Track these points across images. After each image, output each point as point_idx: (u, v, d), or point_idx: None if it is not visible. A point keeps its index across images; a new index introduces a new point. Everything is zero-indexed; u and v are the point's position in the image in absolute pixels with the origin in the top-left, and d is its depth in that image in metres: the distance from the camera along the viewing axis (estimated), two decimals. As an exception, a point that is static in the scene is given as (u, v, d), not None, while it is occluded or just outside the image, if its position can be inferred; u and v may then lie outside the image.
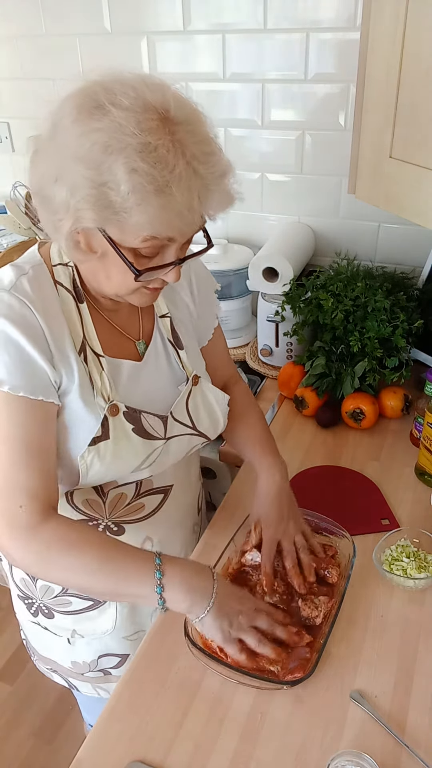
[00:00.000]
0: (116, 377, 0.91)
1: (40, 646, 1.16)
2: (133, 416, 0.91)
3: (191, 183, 0.70)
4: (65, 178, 0.71)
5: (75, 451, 0.87)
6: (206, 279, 1.07)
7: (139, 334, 0.96)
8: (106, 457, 0.87)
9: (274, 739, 0.82)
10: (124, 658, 1.12)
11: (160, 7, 1.56)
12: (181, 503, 1.09)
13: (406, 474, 1.27)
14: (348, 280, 1.44)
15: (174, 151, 0.69)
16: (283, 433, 1.42)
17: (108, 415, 0.87)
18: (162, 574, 0.81)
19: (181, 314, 1.02)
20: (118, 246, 0.74)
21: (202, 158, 0.71)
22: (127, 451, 0.90)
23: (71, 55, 1.73)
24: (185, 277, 1.02)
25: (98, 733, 0.84)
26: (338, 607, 0.94)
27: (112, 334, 0.92)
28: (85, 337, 0.87)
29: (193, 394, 0.99)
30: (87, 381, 0.86)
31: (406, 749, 0.80)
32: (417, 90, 0.98)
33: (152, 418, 0.93)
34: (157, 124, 0.69)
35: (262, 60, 1.53)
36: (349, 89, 1.48)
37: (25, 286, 0.82)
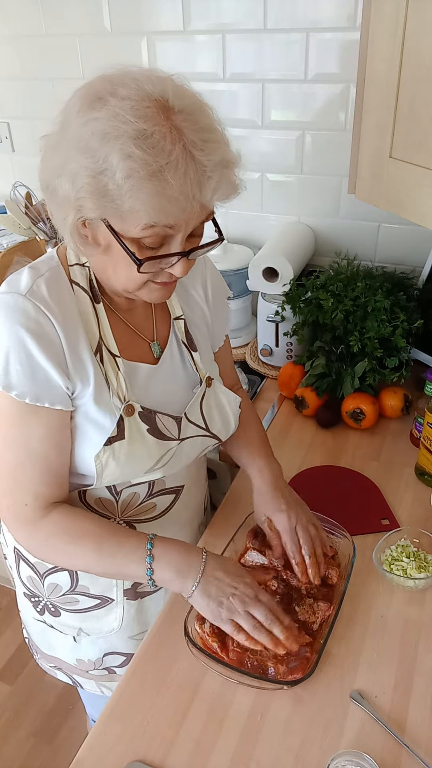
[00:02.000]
0: (132, 379, 0.92)
1: (44, 645, 1.17)
2: (149, 417, 0.91)
3: (188, 169, 0.69)
4: (67, 169, 0.72)
5: (89, 453, 0.88)
6: (220, 286, 1.07)
7: (153, 335, 0.97)
8: (120, 458, 0.88)
9: (274, 739, 0.82)
10: (129, 657, 1.11)
11: (160, 7, 1.56)
12: (191, 503, 1.10)
13: (406, 474, 1.27)
14: (348, 280, 1.44)
15: (170, 137, 0.69)
16: (283, 433, 1.42)
17: (124, 415, 0.88)
18: (152, 558, 0.86)
19: (195, 317, 1.02)
20: (120, 236, 0.74)
21: (201, 145, 0.71)
22: (142, 451, 0.90)
23: (71, 55, 1.73)
24: (200, 282, 1.03)
25: (98, 733, 0.84)
26: (338, 608, 0.94)
27: (127, 335, 0.93)
28: (102, 338, 0.87)
29: (206, 395, 1.00)
30: (103, 382, 0.87)
31: (406, 749, 0.80)
32: (417, 90, 0.98)
33: (167, 419, 0.93)
34: (154, 112, 0.69)
35: (262, 60, 1.53)
36: (349, 89, 1.48)
37: (42, 290, 0.82)
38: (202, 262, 1.03)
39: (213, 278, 1.05)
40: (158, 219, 0.72)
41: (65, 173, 0.72)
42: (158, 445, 0.92)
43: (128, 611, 1.07)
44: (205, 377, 1.00)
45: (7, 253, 1.89)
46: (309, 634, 0.91)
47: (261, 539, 1.06)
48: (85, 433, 0.87)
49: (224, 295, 1.08)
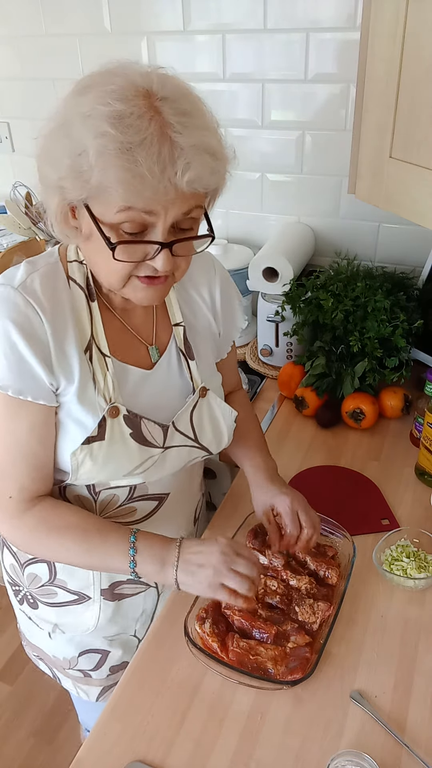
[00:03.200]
0: (122, 381, 0.90)
1: (28, 633, 1.17)
2: (134, 421, 0.89)
3: (161, 149, 0.69)
4: (53, 154, 0.73)
5: (67, 448, 0.87)
6: (229, 291, 1.04)
7: (152, 339, 0.95)
8: (98, 458, 0.87)
9: (274, 739, 0.82)
10: (104, 656, 1.11)
11: (160, 7, 1.56)
12: (176, 512, 1.07)
13: (406, 474, 1.27)
14: (348, 280, 1.44)
15: (147, 116, 0.69)
16: (283, 433, 1.42)
17: (107, 416, 0.87)
18: (135, 551, 0.86)
19: (198, 324, 1.00)
20: (98, 221, 0.74)
21: (178, 127, 0.70)
22: (122, 454, 0.89)
23: (71, 55, 1.73)
24: (206, 287, 1.00)
25: (98, 733, 0.84)
26: (338, 608, 0.94)
27: (123, 336, 0.92)
28: (93, 336, 0.87)
29: (198, 406, 0.97)
30: (89, 380, 0.86)
31: (406, 749, 0.80)
32: (417, 90, 0.98)
33: (152, 426, 0.92)
34: (134, 94, 0.70)
35: (262, 60, 1.53)
36: (349, 89, 1.48)
37: (35, 285, 0.82)
38: (211, 266, 1.01)
39: (222, 283, 1.02)
40: (128, 199, 0.71)
41: (50, 157, 0.74)
42: (140, 451, 0.90)
43: (105, 611, 1.05)
44: (200, 387, 0.97)
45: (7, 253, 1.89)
46: (309, 634, 0.91)
47: (261, 539, 1.06)
48: (66, 429, 0.87)
49: (234, 300, 1.06)
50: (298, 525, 0.98)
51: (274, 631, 0.91)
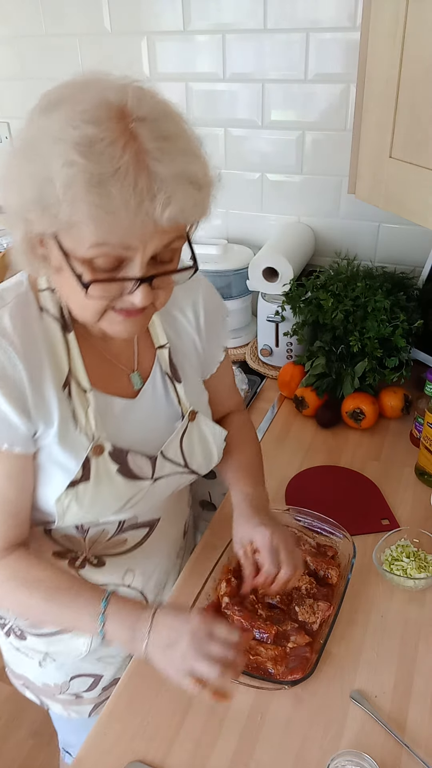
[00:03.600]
0: (105, 414, 0.84)
1: (12, 662, 1.12)
2: (120, 456, 0.84)
3: (138, 179, 0.61)
4: (17, 178, 0.66)
5: (51, 494, 0.82)
6: (215, 308, 0.98)
7: (134, 365, 0.89)
8: (84, 500, 0.82)
9: (274, 739, 0.82)
10: (97, 679, 1.07)
11: (160, 7, 1.56)
12: (168, 534, 1.04)
13: (406, 474, 1.27)
14: (348, 280, 1.44)
15: (121, 143, 0.61)
16: (283, 433, 1.42)
17: (91, 455, 0.81)
18: (105, 618, 0.79)
19: (183, 345, 0.94)
20: (68, 256, 0.67)
21: (157, 154, 0.63)
22: (109, 493, 0.84)
23: (71, 55, 1.73)
24: (190, 305, 0.94)
25: (98, 733, 0.84)
26: (338, 608, 0.94)
27: (103, 365, 0.85)
28: (71, 370, 0.81)
29: (188, 430, 0.92)
30: (69, 420, 0.80)
31: (406, 749, 0.80)
32: (417, 90, 0.98)
33: (140, 458, 0.86)
34: (106, 116, 0.62)
35: (262, 60, 1.53)
36: (349, 89, 1.48)
37: (4, 321, 0.76)
38: (196, 283, 0.93)
39: (206, 300, 0.96)
40: (103, 236, 0.64)
41: (14, 183, 0.66)
42: (128, 486, 0.85)
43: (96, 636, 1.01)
44: (189, 411, 0.92)
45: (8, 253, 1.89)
46: (309, 634, 0.91)
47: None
48: (47, 473, 0.82)
49: (220, 317, 0.99)
50: (276, 563, 0.88)
51: (274, 631, 0.91)
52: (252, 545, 0.91)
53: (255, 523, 0.91)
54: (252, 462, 1.04)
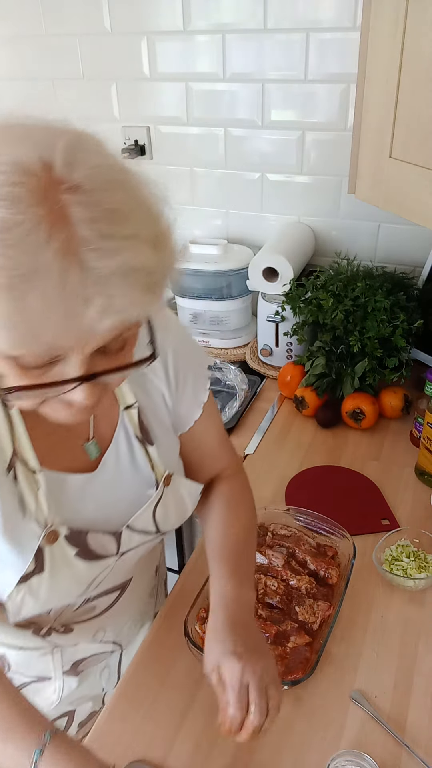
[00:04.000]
0: (59, 494, 0.73)
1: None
2: (78, 538, 0.74)
3: (66, 279, 0.46)
4: None
5: (1, 591, 0.71)
6: (189, 354, 0.85)
7: (89, 433, 0.77)
8: (40, 593, 0.71)
9: (274, 739, 0.82)
10: (71, 716, 0.99)
11: (160, 7, 1.56)
12: (141, 588, 0.96)
13: (406, 474, 1.27)
14: (348, 280, 1.44)
15: (45, 228, 0.46)
16: (283, 433, 1.42)
17: (44, 544, 0.70)
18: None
19: (153, 402, 0.82)
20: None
21: (98, 244, 0.47)
22: (69, 580, 0.74)
23: (71, 55, 1.73)
24: (160, 361, 0.80)
25: (98, 733, 0.84)
26: (338, 608, 0.94)
27: (52, 437, 0.73)
28: (16, 450, 0.69)
29: (164, 497, 0.82)
30: (16, 508, 0.69)
31: (406, 749, 0.80)
32: (417, 90, 0.98)
33: (102, 536, 0.76)
34: (27, 189, 0.46)
35: (262, 60, 1.53)
36: (349, 89, 1.48)
37: None
38: (163, 330, 0.75)
39: (177, 347, 0.82)
40: (19, 347, 0.50)
41: None
42: (90, 568, 0.75)
43: (68, 684, 0.94)
44: (164, 476, 0.81)
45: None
46: (309, 634, 0.91)
47: (261, 539, 1.07)
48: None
49: (194, 365, 0.86)
50: (243, 706, 0.70)
51: (274, 631, 0.91)
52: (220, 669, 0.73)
53: (227, 648, 0.73)
54: (240, 549, 0.87)
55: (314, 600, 0.96)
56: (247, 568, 0.85)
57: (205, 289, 1.70)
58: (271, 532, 1.08)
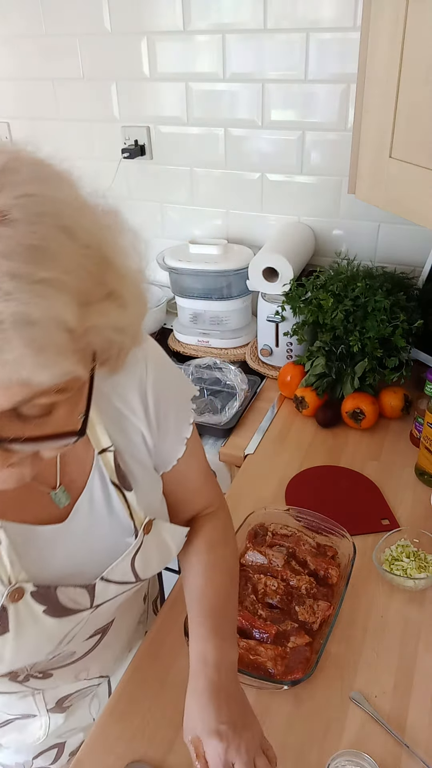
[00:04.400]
0: (25, 548, 0.68)
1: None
2: (46, 595, 0.68)
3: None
4: None
5: None
6: (171, 393, 0.78)
7: (56, 480, 0.71)
8: (5, 655, 0.67)
9: (274, 739, 0.82)
10: (60, 748, 0.96)
11: (160, 7, 1.56)
12: (126, 624, 0.91)
13: (406, 474, 1.27)
14: (348, 280, 1.44)
15: None
16: (283, 433, 1.42)
17: (7, 603, 0.65)
18: None
19: (132, 444, 0.75)
20: None
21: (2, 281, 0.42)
22: (37, 639, 0.69)
23: (71, 55, 1.73)
24: (137, 393, 0.73)
25: (98, 733, 0.84)
26: (338, 608, 0.94)
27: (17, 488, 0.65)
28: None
29: (144, 545, 0.75)
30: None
31: (406, 749, 0.80)
32: (417, 90, 0.98)
33: (73, 590, 0.70)
34: None
35: (262, 60, 1.53)
36: (349, 89, 1.48)
37: None
38: (142, 365, 0.73)
39: (158, 382, 0.75)
40: None
41: None
42: (60, 624, 0.70)
43: (55, 721, 0.91)
44: (144, 523, 0.74)
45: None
46: (309, 634, 0.91)
47: (261, 539, 1.07)
48: None
49: (176, 399, 0.79)
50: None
51: (274, 631, 0.91)
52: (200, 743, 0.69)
53: (209, 725, 0.68)
54: (222, 599, 0.81)
55: (314, 600, 0.96)
56: (230, 620, 0.79)
57: (205, 289, 1.70)
58: (271, 532, 1.08)
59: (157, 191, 1.84)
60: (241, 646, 0.88)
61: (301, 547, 1.04)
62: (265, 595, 0.97)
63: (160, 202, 1.86)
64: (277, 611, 0.96)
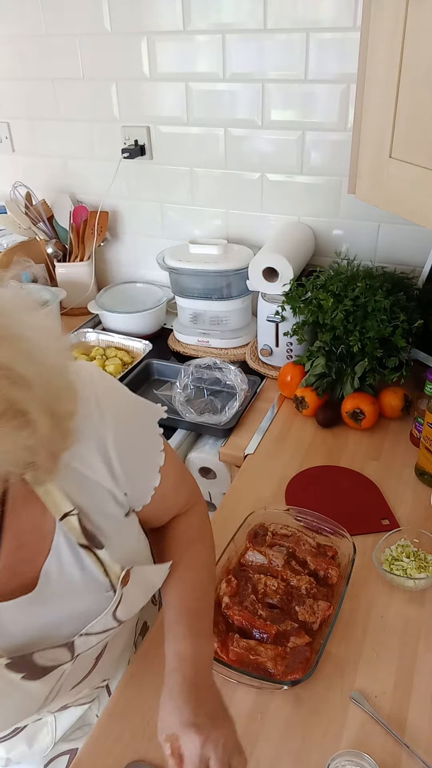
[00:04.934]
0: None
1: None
2: (22, 663, 0.67)
3: None
4: None
5: None
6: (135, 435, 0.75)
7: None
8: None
9: (274, 739, 0.82)
10: (73, 754, 0.94)
11: (160, 7, 1.56)
12: (117, 648, 0.89)
13: (406, 474, 1.27)
14: (348, 280, 1.44)
15: None
16: (283, 433, 1.42)
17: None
18: None
19: (98, 502, 0.72)
20: None
21: None
22: (19, 704, 0.69)
23: (71, 55, 1.73)
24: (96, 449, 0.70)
25: (98, 733, 0.84)
26: (338, 608, 0.94)
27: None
28: None
29: (125, 596, 0.74)
30: None
31: (406, 749, 0.80)
32: (417, 90, 0.98)
33: (51, 651, 0.69)
34: None
35: (262, 60, 1.53)
36: (349, 89, 1.48)
37: None
38: (97, 423, 0.69)
39: (118, 437, 0.71)
40: None
41: None
42: (42, 685, 0.69)
43: (60, 723, 0.90)
44: (121, 577, 0.72)
45: (7, 253, 1.90)
46: (309, 634, 0.92)
47: (261, 539, 1.07)
48: None
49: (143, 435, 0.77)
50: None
51: (274, 631, 0.91)
52: (175, 739, 0.69)
53: (185, 718, 0.67)
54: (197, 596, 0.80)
55: (314, 600, 0.96)
56: (205, 617, 0.78)
57: (205, 289, 1.70)
58: (271, 532, 1.08)
59: (157, 191, 1.84)
60: (241, 646, 0.88)
61: (301, 547, 1.05)
62: (265, 595, 0.97)
63: (160, 202, 1.86)
64: (277, 611, 0.96)
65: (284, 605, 0.96)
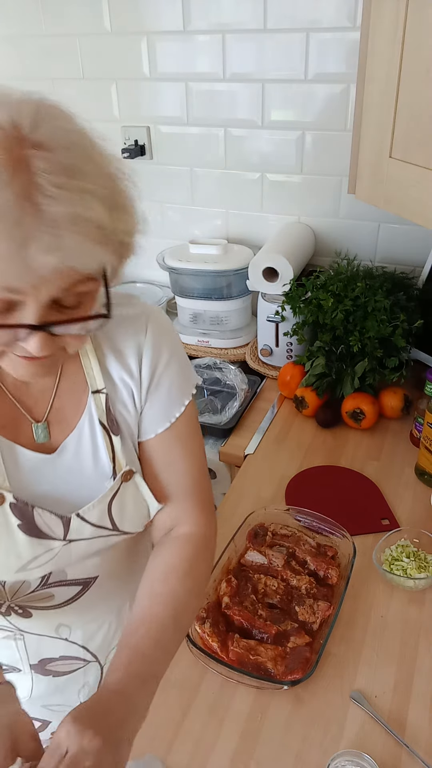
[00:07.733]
0: (10, 463, 0.74)
1: None
2: (23, 510, 0.73)
3: (22, 218, 0.51)
4: None
5: None
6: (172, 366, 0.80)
7: (43, 414, 0.76)
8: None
9: (274, 739, 0.82)
10: (44, 725, 0.96)
11: (160, 7, 1.56)
12: (111, 594, 0.90)
13: (406, 474, 1.27)
14: (348, 280, 1.44)
15: (7, 173, 0.51)
16: (283, 433, 1.42)
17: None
18: None
19: (122, 393, 0.79)
20: None
21: (50, 190, 0.52)
22: (6, 549, 0.73)
23: (71, 55, 1.73)
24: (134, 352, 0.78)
25: (98, 733, 0.84)
26: (338, 608, 0.94)
27: (7, 409, 0.74)
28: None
29: (121, 492, 0.78)
30: None
31: (406, 749, 0.80)
32: (417, 90, 0.98)
33: (49, 516, 0.75)
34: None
35: (262, 60, 1.53)
36: (349, 89, 1.48)
37: None
38: (142, 325, 0.78)
39: (154, 347, 0.79)
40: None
41: None
42: (31, 544, 0.74)
43: (38, 684, 0.92)
44: (123, 471, 0.78)
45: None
46: (309, 634, 0.92)
47: (261, 539, 1.07)
48: None
49: (177, 373, 0.81)
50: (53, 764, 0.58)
51: (274, 631, 0.91)
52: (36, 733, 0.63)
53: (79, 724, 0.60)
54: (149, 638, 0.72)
55: (314, 600, 0.96)
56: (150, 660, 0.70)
57: (205, 289, 1.70)
58: (271, 532, 1.08)
59: (157, 191, 1.84)
60: (241, 646, 0.88)
61: (301, 547, 1.05)
62: (265, 595, 0.97)
63: (160, 202, 1.86)
64: (277, 611, 0.96)
65: (284, 605, 0.96)
